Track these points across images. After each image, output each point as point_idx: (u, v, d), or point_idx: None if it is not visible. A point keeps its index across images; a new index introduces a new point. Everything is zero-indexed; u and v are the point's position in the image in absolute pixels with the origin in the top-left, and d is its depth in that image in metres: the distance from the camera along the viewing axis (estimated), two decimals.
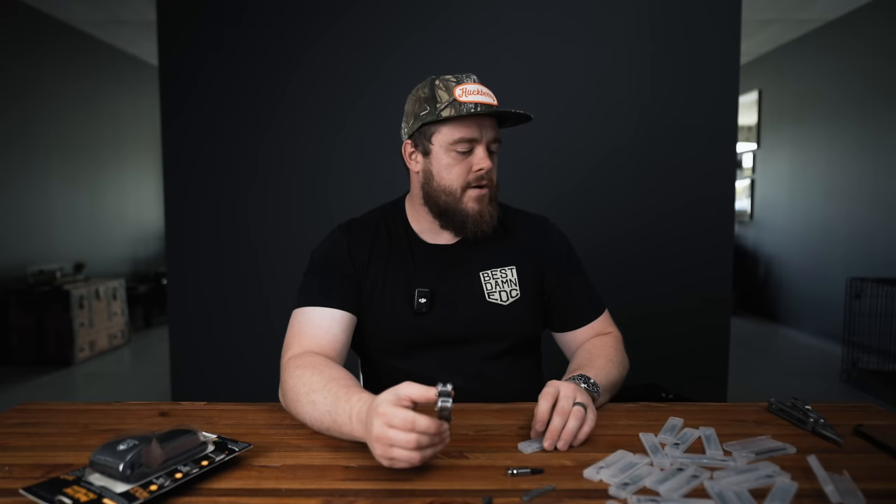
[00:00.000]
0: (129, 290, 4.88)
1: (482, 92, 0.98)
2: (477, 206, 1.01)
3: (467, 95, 0.97)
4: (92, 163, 4.86)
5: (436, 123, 1.00)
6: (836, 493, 0.63)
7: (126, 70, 5.27)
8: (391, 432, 0.66)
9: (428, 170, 1.03)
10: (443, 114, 0.97)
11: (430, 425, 0.66)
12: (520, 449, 0.78)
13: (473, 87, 0.98)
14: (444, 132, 0.99)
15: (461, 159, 1.00)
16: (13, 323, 3.91)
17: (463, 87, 0.98)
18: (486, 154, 1.00)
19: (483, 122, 0.99)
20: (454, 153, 0.99)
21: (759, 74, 5.48)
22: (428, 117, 0.99)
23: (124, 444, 0.65)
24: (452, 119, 0.98)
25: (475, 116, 0.98)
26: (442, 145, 1.00)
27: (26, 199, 4.13)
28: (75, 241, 4.63)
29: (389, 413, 0.66)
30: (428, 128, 1.01)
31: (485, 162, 0.99)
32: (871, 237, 4.08)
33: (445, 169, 1.00)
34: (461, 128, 0.98)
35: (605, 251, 2.25)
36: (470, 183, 1.00)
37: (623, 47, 2.24)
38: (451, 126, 0.99)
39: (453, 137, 0.98)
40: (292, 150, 2.30)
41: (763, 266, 5.52)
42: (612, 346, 1.06)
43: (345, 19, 2.25)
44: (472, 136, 0.98)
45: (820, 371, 3.73)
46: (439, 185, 1.01)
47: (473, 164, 1.00)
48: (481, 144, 0.99)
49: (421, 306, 1.02)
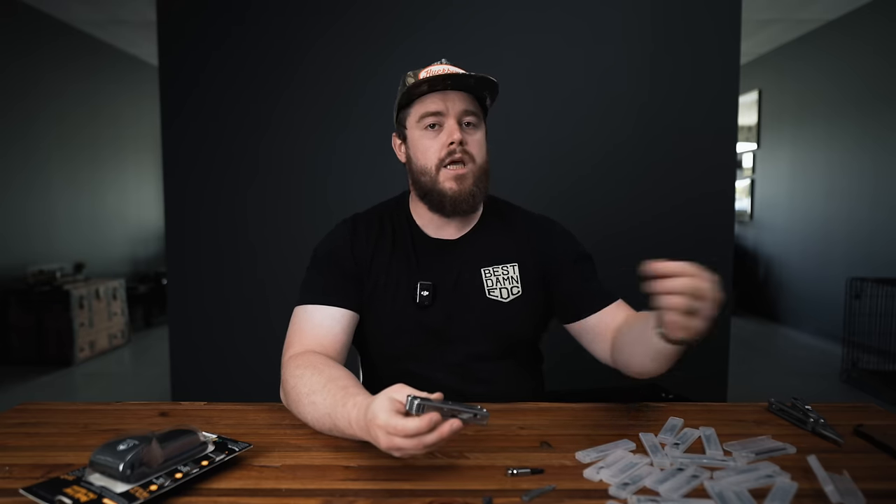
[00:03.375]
0: (129, 290, 4.87)
1: (448, 71, 0.99)
2: (455, 186, 1.00)
3: (430, 74, 0.98)
4: (92, 163, 4.86)
5: (406, 107, 1.03)
6: (836, 493, 0.63)
7: (126, 70, 5.27)
8: (398, 441, 0.65)
9: (409, 155, 1.05)
10: (405, 92, 0.99)
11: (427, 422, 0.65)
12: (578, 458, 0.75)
13: (438, 68, 1.01)
14: (412, 112, 1.02)
15: (433, 136, 1.00)
16: (13, 323, 3.91)
17: (427, 69, 1.01)
18: (456, 126, 0.99)
19: (449, 95, 0.99)
20: (424, 130, 1.01)
21: (759, 74, 5.48)
22: (402, 98, 1.02)
23: (124, 444, 0.65)
24: (417, 97, 1.00)
25: (439, 91, 0.99)
26: (413, 126, 1.02)
27: (27, 199, 4.13)
28: (75, 241, 4.63)
29: (391, 424, 0.65)
30: (401, 114, 1.05)
31: (455, 133, 0.98)
32: (872, 237, 4.08)
33: (420, 149, 1.02)
34: (426, 102, 1.00)
35: (604, 250, 2.23)
36: (443, 160, 0.99)
37: (623, 47, 2.24)
38: (417, 104, 1.01)
39: (420, 113, 1.00)
40: (292, 150, 2.30)
41: (763, 266, 5.52)
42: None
43: (345, 19, 2.25)
44: (437, 108, 0.99)
45: (820, 371, 3.72)
46: (417, 166, 1.03)
47: (444, 138, 0.99)
48: (450, 117, 0.99)
49: (424, 299, 1.02)
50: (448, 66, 1.01)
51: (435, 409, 0.66)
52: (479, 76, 0.97)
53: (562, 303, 1.08)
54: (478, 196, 1.02)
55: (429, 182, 1.01)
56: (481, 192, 1.03)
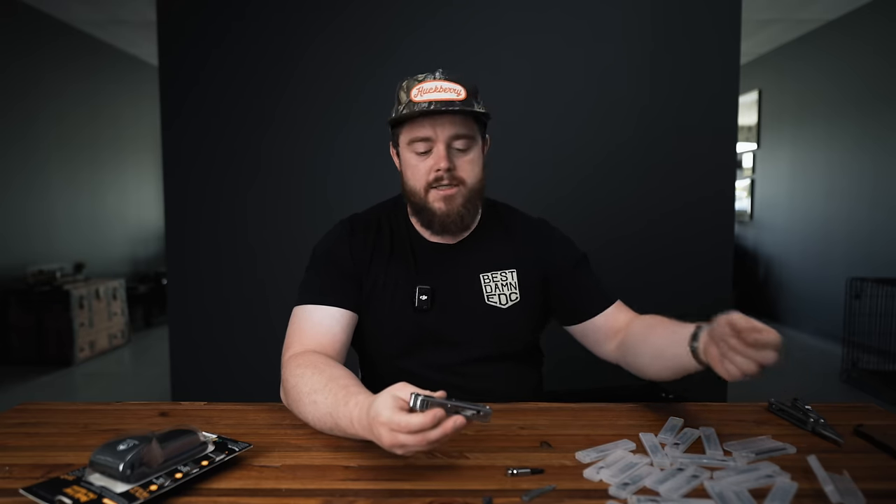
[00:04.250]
0: (129, 290, 4.87)
1: (440, 89, 0.96)
2: (444, 207, 0.99)
3: (422, 94, 0.96)
4: (92, 163, 4.85)
5: (397, 126, 1.01)
6: (836, 493, 0.63)
7: (126, 70, 5.27)
8: (402, 437, 0.65)
9: (401, 170, 1.05)
10: (395, 115, 0.99)
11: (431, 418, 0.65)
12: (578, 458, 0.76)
13: (430, 85, 0.97)
14: (404, 133, 1.00)
15: (422, 159, 0.99)
16: (13, 323, 3.91)
17: (419, 87, 0.97)
18: (445, 153, 0.97)
19: (439, 120, 0.96)
20: (414, 154, 1.00)
21: (759, 74, 5.47)
22: (391, 121, 1.01)
23: (124, 444, 0.65)
24: (407, 120, 0.98)
25: (429, 115, 0.96)
26: (403, 147, 1.01)
27: (27, 199, 4.13)
28: (75, 241, 4.62)
29: (394, 421, 0.65)
30: (394, 130, 1.03)
31: (441, 161, 0.97)
32: (872, 237, 4.08)
33: (410, 169, 1.01)
34: (415, 127, 0.98)
35: (604, 251, 2.25)
36: (430, 183, 0.99)
37: (623, 47, 2.24)
38: (408, 127, 0.99)
39: (409, 138, 0.99)
40: (292, 149, 2.30)
41: (763, 266, 5.52)
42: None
43: (344, 17, 2.25)
44: (426, 134, 0.97)
45: (820, 371, 3.72)
46: (407, 185, 1.03)
47: (431, 163, 0.99)
48: (439, 143, 0.97)
49: (422, 304, 1.02)
50: (441, 81, 0.97)
51: (439, 405, 0.66)
52: (464, 109, 0.94)
53: (563, 307, 1.10)
54: (467, 216, 1.02)
55: (419, 202, 1.01)
56: (471, 212, 1.03)
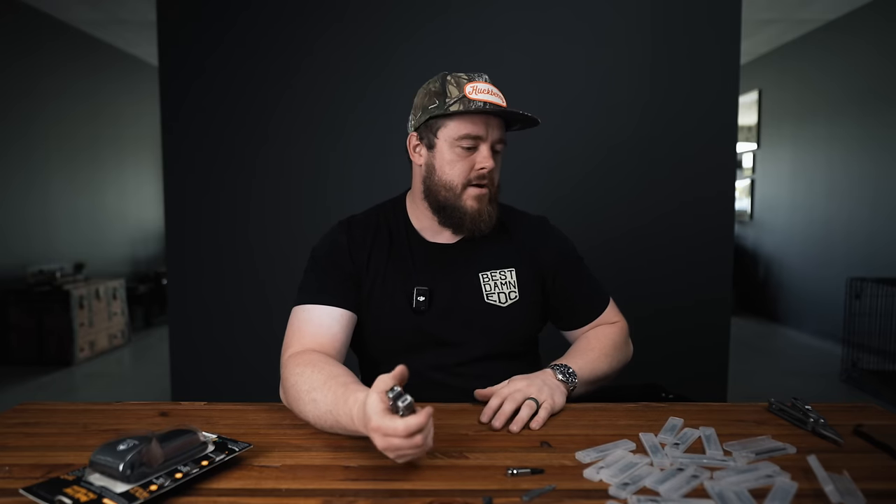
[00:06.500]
0: (129, 290, 4.87)
1: (492, 92, 0.99)
2: (476, 205, 1.01)
3: (477, 93, 0.98)
4: (92, 163, 4.86)
5: (443, 118, 1.00)
6: (836, 493, 0.63)
7: (126, 70, 5.27)
8: (395, 441, 0.66)
9: (431, 164, 1.03)
10: (451, 108, 0.97)
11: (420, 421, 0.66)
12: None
13: (484, 87, 0.99)
14: (451, 127, 0.99)
15: (465, 156, 1.00)
16: (13, 323, 3.91)
17: (474, 85, 0.99)
18: (489, 153, 1.00)
19: (490, 121, 0.99)
20: (458, 149, 1.00)
21: (759, 74, 5.48)
22: (436, 111, 0.99)
23: (124, 444, 0.65)
24: (460, 114, 0.98)
25: (482, 114, 0.98)
26: (447, 140, 1.00)
27: (26, 198, 4.13)
28: (75, 241, 4.62)
29: (383, 427, 0.66)
30: (435, 122, 1.01)
31: (488, 161, 0.99)
32: (872, 237, 4.08)
33: (448, 164, 1.01)
34: (468, 124, 0.98)
35: (605, 250, 2.25)
36: (471, 181, 1.00)
37: (623, 47, 2.24)
38: (459, 121, 0.99)
39: (459, 133, 0.99)
40: (292, 150, 2.30)
41: (763, 266, 5.52)
42: (612, 337, 1.08)
43: (345, 17, 2.25)
44: (478, 133, 0.98)
45: (820, 371, 3.72)
46: (440, 179, 1.02)
47: (476, 162, 1.00)
48: (486, 143, 1.00)
49: (420, 305, 1.02)
50: (492, 86, 1.00)
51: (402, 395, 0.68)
52: (531, 118, 0.99)
53: (558, 311, 1.13)
54: (493, 216, 1.04)
55: (450, 198, 1.01)
56: (495, 213, 1.05)
